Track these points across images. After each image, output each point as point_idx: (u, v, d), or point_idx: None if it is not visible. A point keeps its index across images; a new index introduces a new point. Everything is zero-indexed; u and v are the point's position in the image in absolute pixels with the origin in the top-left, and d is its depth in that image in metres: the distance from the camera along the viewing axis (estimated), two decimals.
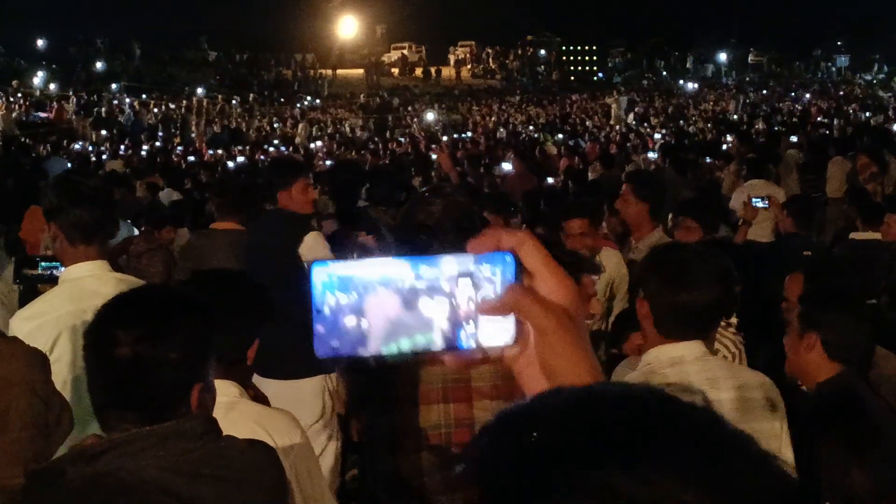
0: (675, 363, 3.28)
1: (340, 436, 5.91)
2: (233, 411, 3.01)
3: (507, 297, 1.12)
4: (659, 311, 3.31)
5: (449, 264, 1.12)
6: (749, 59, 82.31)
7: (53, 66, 57.97)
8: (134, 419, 2.31)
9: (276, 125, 45.22)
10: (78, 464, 2.25)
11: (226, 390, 3.00)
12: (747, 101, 51.74)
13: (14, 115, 41.56)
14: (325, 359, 1.10)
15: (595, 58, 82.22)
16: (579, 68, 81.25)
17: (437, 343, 1.12)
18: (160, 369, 2.32)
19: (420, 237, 3.67)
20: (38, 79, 53.44)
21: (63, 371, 3.58)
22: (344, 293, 1.09)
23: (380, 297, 1.09)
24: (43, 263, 4.68)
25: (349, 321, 1.09)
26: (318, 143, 37.27)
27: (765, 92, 61.67)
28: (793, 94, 58.89)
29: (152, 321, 2.37)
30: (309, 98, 57.89)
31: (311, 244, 6.05)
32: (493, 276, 1.13)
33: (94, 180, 4.21)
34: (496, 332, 1.14)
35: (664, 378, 3.22)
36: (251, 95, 52.46)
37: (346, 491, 6.18)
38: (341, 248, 6.42)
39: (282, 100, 55.95)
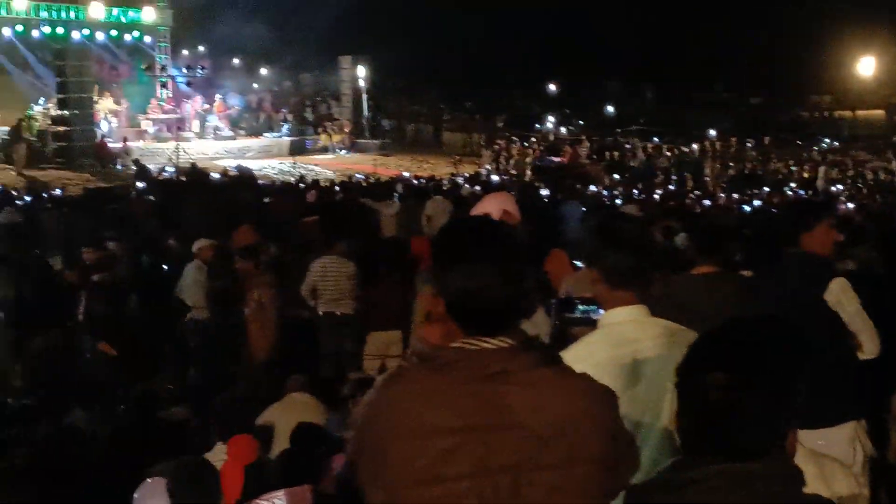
0: None
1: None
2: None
3: None
4: None
5: None
6: None
7: (566, 110, 60.72)
8: (720, 462, 2.35)
9: (793, 168, 44.37)
10: (661, 494, 2.39)
11: None
12: None
13: (529, 159, 44.01)
14: None
15: None
16: None
17: None
18: (754, 415, 2.35)
19: None
20: (551, 123, 56.21)
21: None
22: None
23: None
24: (581, 307, 4.92)
25: None
26: (840, 186, 36.13)
27: None
28: None
29: (746, 364, 2.38)
30: (827, 140, 56.21)
31: (840, 292, 5.99)
32: None
33: (633, 224, 4.38)
34: None
35: None
36: (766, 138, 51.71)
37: None
38: None
39: (799, 142, 54.72)
